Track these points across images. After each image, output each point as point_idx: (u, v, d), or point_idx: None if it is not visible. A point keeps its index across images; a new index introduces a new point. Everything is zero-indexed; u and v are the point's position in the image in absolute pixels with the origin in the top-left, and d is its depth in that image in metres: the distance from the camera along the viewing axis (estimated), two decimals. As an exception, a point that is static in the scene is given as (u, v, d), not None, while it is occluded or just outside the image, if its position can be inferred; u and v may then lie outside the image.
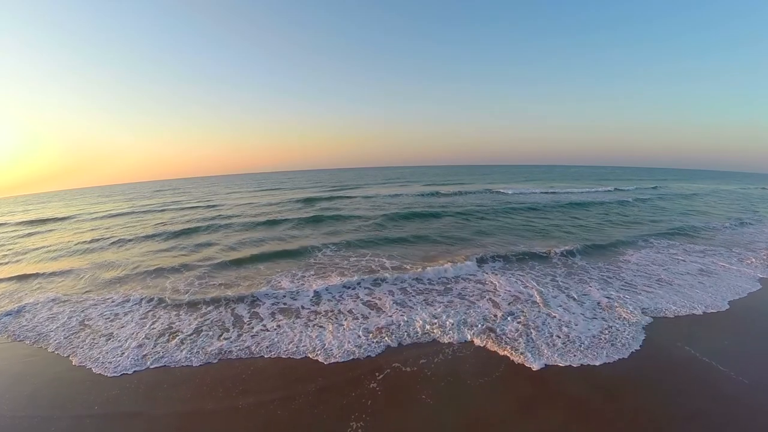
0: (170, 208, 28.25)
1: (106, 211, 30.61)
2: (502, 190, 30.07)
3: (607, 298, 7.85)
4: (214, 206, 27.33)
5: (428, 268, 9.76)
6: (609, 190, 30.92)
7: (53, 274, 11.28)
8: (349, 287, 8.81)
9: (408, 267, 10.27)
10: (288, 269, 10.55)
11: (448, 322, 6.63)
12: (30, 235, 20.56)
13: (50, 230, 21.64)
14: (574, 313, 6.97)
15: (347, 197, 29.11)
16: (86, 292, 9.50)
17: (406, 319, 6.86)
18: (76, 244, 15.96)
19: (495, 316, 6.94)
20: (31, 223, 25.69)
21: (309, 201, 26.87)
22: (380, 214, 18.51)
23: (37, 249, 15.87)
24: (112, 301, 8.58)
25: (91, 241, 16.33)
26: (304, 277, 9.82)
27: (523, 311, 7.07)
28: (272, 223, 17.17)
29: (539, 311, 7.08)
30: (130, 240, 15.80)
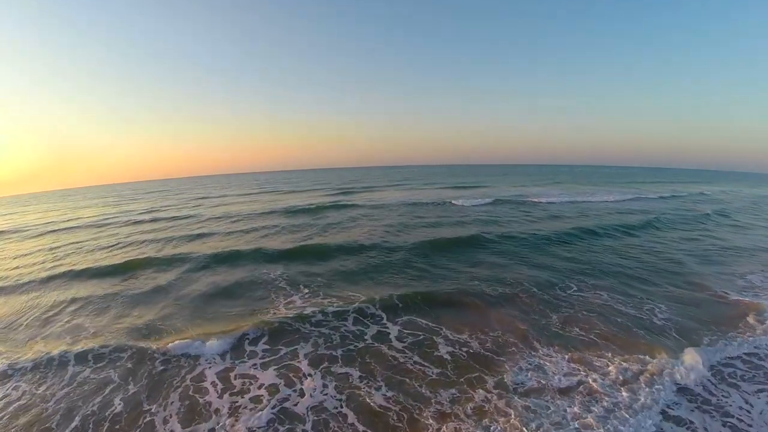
0: (145, 218, 24.20)
1: (75, 219, 27.10)
2: (537, 200, 24.72)
3: None
4: (191, 216, 23.29)
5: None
6: (664, 197, 26.04)
7: None
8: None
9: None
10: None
11: None
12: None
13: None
14: None
15: (352, 206, 24.41)
16: None
17: None
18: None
19: None
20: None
21: (306, 212, 22.39)
22: (401, 242, 13.24)
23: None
24: None
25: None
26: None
27: None
28: (246, 257, 12.14)
29: None
30: (51, 278, 11.27)
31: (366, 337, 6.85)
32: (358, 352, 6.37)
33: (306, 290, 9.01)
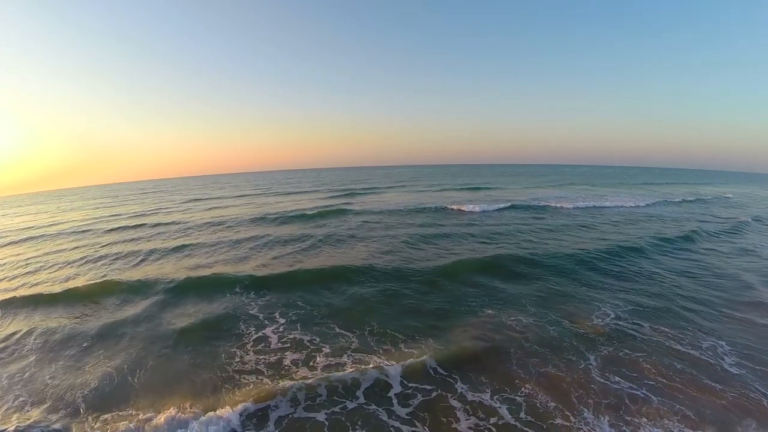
0: (130, 224, 22.56)
1: (60, 224, 25.66)
2: (556, 204, 22.54)
3: None
4: (178, 222, 21.78)
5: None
6: (688, 200, 24.32)
7: None
8: None
9: None
10: None
11: None
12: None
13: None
14: None
15: (353, 212, 22.33)
16: None
17: None
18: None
19: None
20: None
21: (303, 219, 20.62)
22: (404, 264, 11.07)
23: None
24: None
25: None
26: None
27: None
28: (223, 283, 10.00)
29: None
30: (4, 303, 9.70)
31: (359, 393, 5.35)
32: (348, 417, 4.90)
33: (288, 325, 7.46)
